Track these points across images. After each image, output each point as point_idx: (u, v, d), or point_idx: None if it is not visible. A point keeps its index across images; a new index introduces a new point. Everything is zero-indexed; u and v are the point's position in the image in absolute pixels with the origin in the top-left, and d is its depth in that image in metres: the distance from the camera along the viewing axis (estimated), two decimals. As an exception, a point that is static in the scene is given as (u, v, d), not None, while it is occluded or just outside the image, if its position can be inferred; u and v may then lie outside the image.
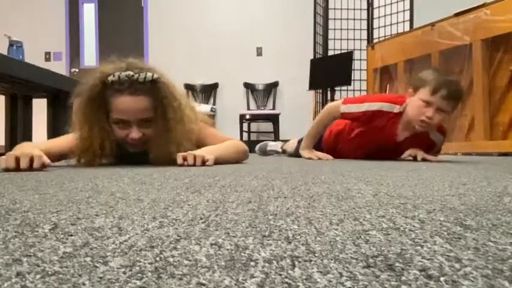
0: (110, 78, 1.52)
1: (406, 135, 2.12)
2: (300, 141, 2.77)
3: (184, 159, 1.48)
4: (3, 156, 1.28)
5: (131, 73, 1.53)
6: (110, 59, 1.61)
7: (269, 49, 6.13)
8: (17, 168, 1.24)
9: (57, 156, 1.56)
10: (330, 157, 2.28)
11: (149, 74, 1.54)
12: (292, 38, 6.02)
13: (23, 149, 1.40)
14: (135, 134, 1.56)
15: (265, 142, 3.54)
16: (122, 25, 6.12)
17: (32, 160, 1.28)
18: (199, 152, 1.52)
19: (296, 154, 2.85)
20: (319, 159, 2.25)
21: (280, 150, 3.32)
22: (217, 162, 1.55)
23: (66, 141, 1.62)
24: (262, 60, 6.15)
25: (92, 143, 1.56)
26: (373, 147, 2.20)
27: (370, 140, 2.19)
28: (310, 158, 2.27)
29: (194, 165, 1.46)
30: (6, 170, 1.24)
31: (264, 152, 3.41)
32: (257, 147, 3.54)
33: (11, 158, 1.25)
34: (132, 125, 1.56)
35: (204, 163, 1.49)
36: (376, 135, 2.15)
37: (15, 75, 2.52)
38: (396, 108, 2.10)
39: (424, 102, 1.97)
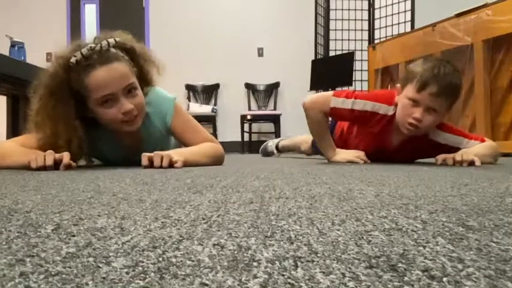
0: (73, 59, 1.39)
1: (401, 139, 1.80)
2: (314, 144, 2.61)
3: (150, 160, 1.38)
4: (32, 157, 1.33)
5: (92, 45, 1.40)
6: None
7: (270, 50, 6.13)
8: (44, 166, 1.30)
9: None
10: (367, 160, 1.84)
11: (111, 40, 1.43)
12: (293, 39, 6.02)
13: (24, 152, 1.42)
14: (126, 105, 1.40)
15: (265, 143, 3.31)
16: (123, 26, 5.98)
17: (56, 158, 1.32)
18: (167, 153, 1.41)
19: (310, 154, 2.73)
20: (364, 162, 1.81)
21: (275, 150, 3.06)
22: (187, 165, 1.44)
23: (33, 141, 1.47)
24: (263, 61, 6.15)
25: (56, 141, 1.41)
26: (372, 150, 1.89)
27: (367, 143, 1.89)
28: (351, 162, 1.81)
29: (161, 166, 1.36)
30: (37, 168, 1.30)
31: (266, 153, 3.20)
32: (260, 150, 3.35)
33: (41, 157, 1.31)
34: (118, 97, 1.40)
35: (171, 165, 1.38)
36: (373, 140, 1.86)
37: (17, 76, 2.52)
38: (391, 110, 1.76)
39: (410, 100, 1.65)
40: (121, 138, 1.57)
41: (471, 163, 1.55)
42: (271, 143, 3.20)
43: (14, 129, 3.09)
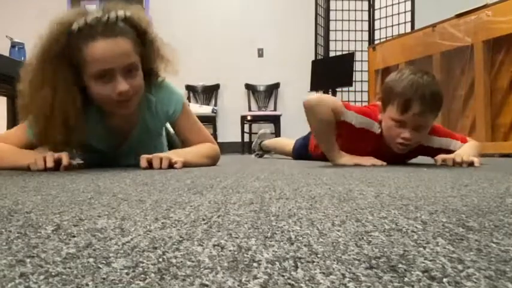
0: (75, 26, 1.27)
1: (394, 153, 1.72)
2: (298, 145, 2.55)
3: (149, 161, 1.36)
4: (32, 160, 1.29)
5: (100, 14, 1.29)
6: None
7: (270, 50, 6.13)
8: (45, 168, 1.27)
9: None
10: (382, 162, 1.70)
11: (121, 12, 1.31)
12: (294, 39, 6.02)
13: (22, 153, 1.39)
14: (122, 86, 1.29)
15: (252, 146, 3.23)
16: (123, 26, 6.12)
17: (57, 159, 1.29)
18: (166, 154, 1.40)
19: (296, 158, 2.75)
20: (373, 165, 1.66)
21: (261, 152, 2.98)
22: (186, 165, 1.42)
23: (23, 132, 1.42)
24: (263, 61, 6.15)
25: (52, 111, 1.30)
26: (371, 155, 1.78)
27: (364, 151, 1.78)
28: (356, 164, 1.68)
29: (160, 168, 1.34)
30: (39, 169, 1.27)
31: (258, 155, 3.12)
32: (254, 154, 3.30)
33: (41, 160, 1.28)
34: (116, 75, 1.29)
35: (171, 166, 1.36)
36: (367, 153, 1.76)
37: (17, 77, 2.52)
38: (377, 127, 1.71)
39: (395, 122, 1.60)
40: (110, 121, 1.48)
41: (471, 164, 1.55)
42: (256, 147, 3.13)
43: (14, 130, 3.09)
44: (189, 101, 5.88)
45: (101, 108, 1.41)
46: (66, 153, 1.33)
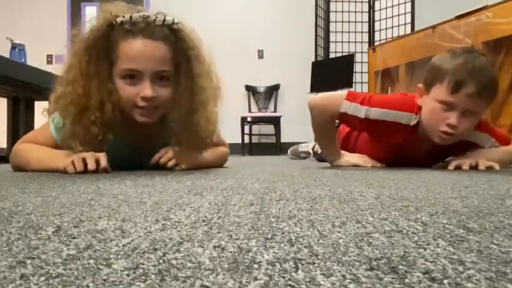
0: (119, 18, 1.24)
1: (429, 147, 1.55)
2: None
3: (160, 157, 1.32)
4: (67, 162, 1.19)
5: (147, 13, 1.26)
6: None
7: (270, 52, 6.13)
8: (84, 170, 1.18)
9: None
10: (382, 164, 1.65)
11: (169, 18, 1.28)
12: (294, 41, 6.02)
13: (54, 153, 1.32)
14: (148, 91, 1.23)
15: (296, 145, 3.26)
16: (123, 28, 6.11)
17: (98, 161, 1.20)
18: (176, 155, 1.35)
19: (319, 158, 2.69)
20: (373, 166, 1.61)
21: (311, 151, 2.96)
22: (190, 168, 1.38)
23: (48, 134, 1.35)
24: (263, 63, 6.15)
25: (87, 103, 1.23)
26: (393, 160, 1.67)
27: (386, 153, 1.66)
28: (357, 165, 1.64)
29: (164, 166, 1.32)
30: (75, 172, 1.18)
31: (298, 155, 3.12)
32: (290, 150, 3.32)
33: (79, 160, 1.18)
34: (144, 78, 1.24)
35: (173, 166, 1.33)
36: (394, 151, 1.62)
37: (17, 78, 2.52)
38: (413, 119, 1.48)
39: (442, 104, 1.39)
40: (133, 135, 1.38)
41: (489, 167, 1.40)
42: (304, 145, 3.16)
43: (14, 131, 3.10)
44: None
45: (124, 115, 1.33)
46: (104, 154, 1.23)
